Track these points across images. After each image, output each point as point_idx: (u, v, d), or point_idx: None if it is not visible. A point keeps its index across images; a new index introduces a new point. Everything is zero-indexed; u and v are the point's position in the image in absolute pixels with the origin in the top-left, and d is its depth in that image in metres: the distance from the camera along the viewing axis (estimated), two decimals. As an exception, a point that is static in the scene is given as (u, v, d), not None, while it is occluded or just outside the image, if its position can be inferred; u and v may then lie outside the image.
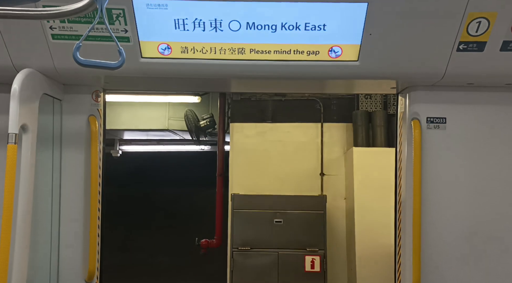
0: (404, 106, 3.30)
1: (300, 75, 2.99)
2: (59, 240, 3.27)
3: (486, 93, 3.16)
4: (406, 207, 3.22)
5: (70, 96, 3.28)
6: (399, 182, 3.38)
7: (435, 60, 2.85)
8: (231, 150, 6.44)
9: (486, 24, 2.67)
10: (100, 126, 3.33)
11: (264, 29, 2.73)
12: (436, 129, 3.18)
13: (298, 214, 5.62)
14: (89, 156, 3.26)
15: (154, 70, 2.93)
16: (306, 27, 2.72)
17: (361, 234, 5.62)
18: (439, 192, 3.18)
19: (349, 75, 3.00)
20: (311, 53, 2.83)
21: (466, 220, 3.19)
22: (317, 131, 6.40)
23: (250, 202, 5.67)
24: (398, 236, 3.38)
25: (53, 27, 2.72)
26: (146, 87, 4.25)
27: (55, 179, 3.26)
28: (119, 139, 9.06)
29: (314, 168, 6.32)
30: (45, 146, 3.15)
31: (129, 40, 2.76)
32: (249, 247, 5.54)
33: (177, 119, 7.74)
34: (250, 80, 3.25)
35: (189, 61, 2.86)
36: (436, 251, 3.17)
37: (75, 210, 3.27)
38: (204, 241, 6.93)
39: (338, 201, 6.22)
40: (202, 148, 8.61)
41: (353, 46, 2.80)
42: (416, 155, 3.11)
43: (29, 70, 2.79)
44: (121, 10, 2.63)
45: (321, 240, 5.56)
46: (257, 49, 2.82)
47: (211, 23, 2.71)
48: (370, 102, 6.36)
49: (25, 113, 2.68)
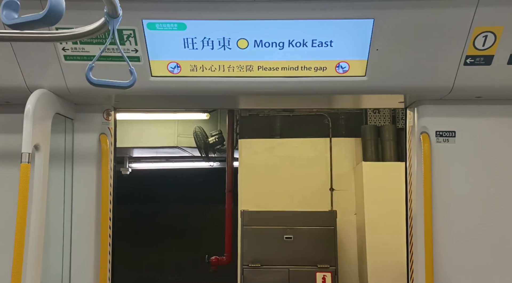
0: (413, 121, 3.31)
1: (308, 91, 3.01)
2: (70, 258, 3.28)
3: (495, 107, 3.15)
4: (417, 222, 3.19)
5: (82, 115, 3.32)
6: (410, 197, 3.37)
7: (442, 74, 2.85)
8: (240, 166, 6.45)
9: (493, 38, 2.68)
10: (111, 145, 3.37)
11: (271, 46, 2.77)
12: (445, 143, 3.18)
13: (309, 230, 5.58)
14: (100, 174, 3.29)
15: (164, 89, 2.97)
16: (313, 43, 2.75)
17: (373, 249, 5.57)
18: (450, 205, 3.16)
19: (357, 90, 3.01)
20: (319, 69, 2.86)
21: (478, 233, 3.16)
22: (326, 146, 6.40)
23: (260, 218, 5.65)
24: (410, 251, 3.35)
25: (66, 48, 2.78)
26: (156, 106, 4.30)
27: (67, 197, 3.29)
28: (128, 157, 9.12)
29: (323, 183, 6.30)
30: (57, 164, 3.18)
31: (139, 60, 2.81)
32: (260, 264, 5.49)
33: (186, 136, 7.79)
34: (258, 96, 3.27)
35: (198, 79, 2.89)
36: (449, 266, 3.13)
37: (86, 229, 3.28)
38: (214, 258, 6.90)
39: (349, 216, 6.18)
40: (211, 164, 8.64)
41: (360, 62, 2.82)
42: (426, 169, 3.11)
43: (42, 90, 2.84)
44: (132, 31, 2.69)
45: (332, 256, 5.51)
46: (264, 66, 2.85)
47: (220, 42, 2.76)
48: (379, 116, 6.36)
49: (38, 133, 2.73)
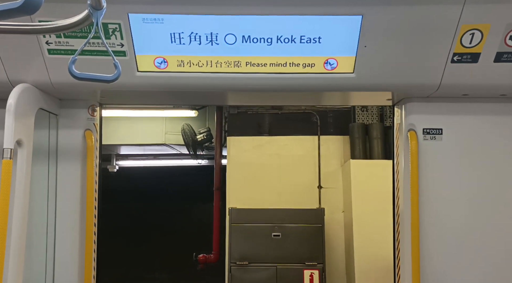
0: (400, 118, 3.31)
1: (296, 88, 2.99)
2: (54, 255, 3.22)
3: (481, 104, 3.17)
4: (404, 219, 3.20)
5: (66, 111, 3.27)
6: (397, 194, 3.38)
7: (430, 72, 2.86)
8: (228, 164, 6.43)
9: (480, 36, 2.69)
10: (96, 141, 3.32)
11: (259, 42, 2.74)
12: (432, 140, 3.19)
13: (296, 227, 5.58)
14: (85, 170, 3.24)
15: (150, 84, 2.93)
16: (301, 40, 2.74)
17: (360, 247, 5.59)
18: (436, 202, 3.18)
19: (345, 87, 3.01)
20: (307, 65, 2.84)
21: (464, 231, 3.18)
22: (314, 144, 6.40)
23: (248, 216, 5.63)
24: (397, 248, 3.36)
25: (49, 42, 2.72)
26: (142, 101, 4.25)
27: (51, 194, 3.23)
28: (115, 154, 9.03)
29: (311, 181, 6.31)
30: (40, 160, 3.12)
31: (125, 55, 2.77)
32: (247, 262, 5.48)
33: (174, 134, 7.73)
34: (246, 93, 3.25)
35: (185, 75, 2.86)
36: (435, 262, 3.15)
37: (70, 226, 3.23)
38: (201, 256, 6.87)
39: (336, 214, 6.19)
40: (199, 162, 8.59)
41: (349, 58, 2.81)
42: (413, 166, 3.12)
43: (25, 85, 2.78)
44: (117, 25, 2.64)
45: (320, 253, 5.52)
46: (253, 62, 2.83)
47: (207, 37, 2.73)
48: (367, 114, 6.38)
49: (21, 128, 2.67)
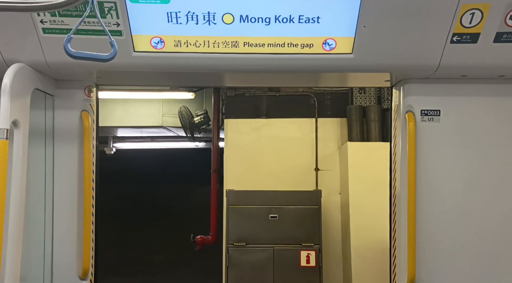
0: (399, 99, 3.30)
1: (294, 69, 2.97)
2: (52, 237, 3.24)
3: (480, 85, 3.16)
4: (401, 201, 3.22)
5: (62, 91, 3.24)
6: (394, 176, 3.38)
7: (429, 52, 2.84)
8: (225, 146, 6.43)
9: (480, 16, 2.67)
10: (93, 122, 3.30)
11: (257, 22, 2.71)
12: (430, 121, 3.18)
13: (293, 209, 5.62)
14: (82, 151, 3.23)
15: (147, 65, 2.90)
16: (300, 19, 2.70)
17: (356, 228, 5.64)
18: (434, 184, 3.18)
19: (344, 68, 2.98)
20: (305, 46, 2.81)
21: (461, 212, 3.19)
22: (312, 127, 6.40)
23: (245, 198, 5.66)
24: (393, 229, 3.38)
25: (44, 21, 2.68)
26: (139, 82, 4.22)
27: (48, 175, 3.23)
28: (112, 136, 9.02)
29: (309, 163, 6.32)
30: (37, 141, 3.11)
31: (121, 34, 2.73)
32: (245, 243, 5.53)
33: (171, 116, 7.71)
34: (244, 74, 3.23)
35: (182, 55, 2.83)
36: (431, 245, 3.17)
37: (68, 207, 3.23)
38: (199, 238, 6.92)
39: (333, 196, 6.23)
40: (196, 144, 8.59)
41: (347, 39, 2.79)
42: (410, 147, 3.11)
43: (20, 64, 2.75)
44: (113, 3, 2.60)
45: (317, 235, 5.57)
46: (250, 43, 2.80)
47: (204, 16, 2.69)
48: (364, 97, 6.36)
49: (16, 109, 2.65)
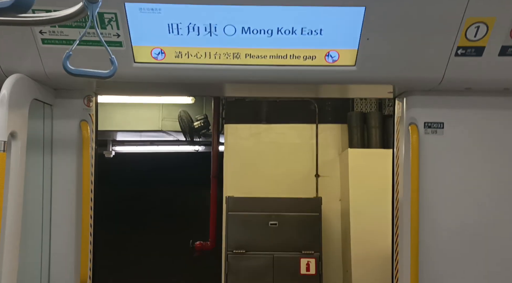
0: (402, 111, 3.27)
1: (296, 80, 2.94)
2: (50, 249, 3.21)
3: (484, 98, 3.14)
4: (404, 212, 3.19)
5: (61, 101, 3.21)
6: (396, 187, 3.35)
7: (433, 65, 2.81)
8: (225, 151, 6.38)
9: (485, 29, 2.64)
10: (92, 132, 3.27)
11: (259, 33, 2.68)
12: (433, 134, 3.16)
13: (293, 216, 5.57)
14: (80, 162, 3.19)
15: (147, 76, 2.87)
16: (302, 31, 2.67)
17: (357, 236, 5.60)
18: (437, 196, 3.16)
19: (346, 80, 2.96)
20: (308, 58, 2.78)
21: (464, 224, 3.17)
22: (312, 133, 6.36)
23: (245, 204, 5.61)
24: (396, 241, 3.35)
25: (43, 31, 2.65)
26: (139, 92, 4.20)
27: (46, 186, 3.19)
28: (112, 140, 8.97)
29: (309, 170, 6.28)
30: (35, 151, 3.07)
31: (121, 45, 2.70)
32: (244, 250, 5.49)
33: (171, 120, 7.66)
34: (245, 85, 3.20)
35: (183, 66, 2.80)
36: (434, 257, 3.15)
37: (66, 217, 3.20)
38: (198, 244, 6.87)
39: (333, 203, 6.19)
40: (196, 149, 8.55)
41: (350, 51, 2.75)
42: (414, 160, 3.09)
43: (19, 75, 2.72)
44: (113, 15, 2.56)
45: (317, 242, 5.53)
46: (252, 54, 2.77)
47: (206, 28, 2.65)
48: (365, 103, 6.33)
49: (15, 120, 2.61)
